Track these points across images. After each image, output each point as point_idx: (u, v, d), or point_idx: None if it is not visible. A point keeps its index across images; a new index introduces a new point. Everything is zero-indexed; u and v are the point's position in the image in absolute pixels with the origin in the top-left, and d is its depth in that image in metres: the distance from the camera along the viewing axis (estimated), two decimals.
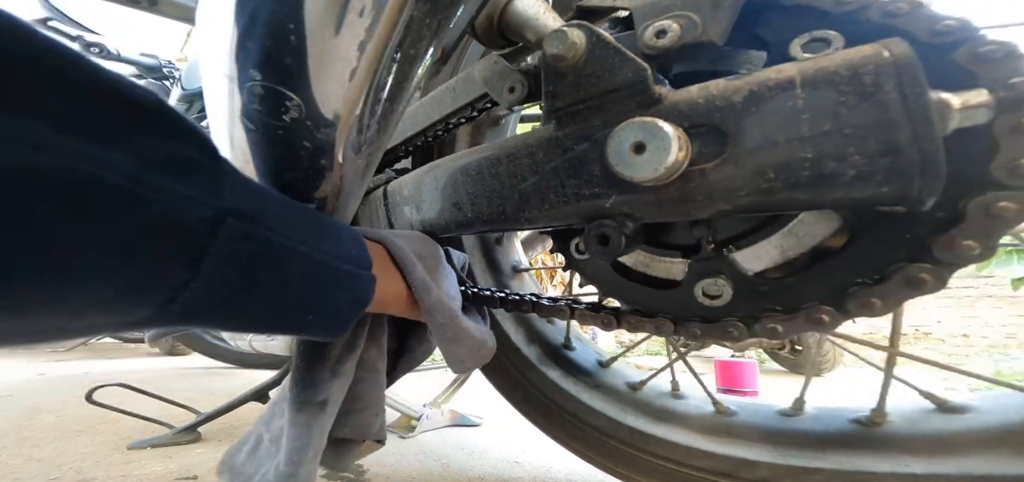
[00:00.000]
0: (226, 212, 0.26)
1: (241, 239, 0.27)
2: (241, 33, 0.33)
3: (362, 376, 0.51)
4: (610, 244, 0.34)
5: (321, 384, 0.45)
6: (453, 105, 0.51)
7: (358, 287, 0.38)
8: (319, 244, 0.33)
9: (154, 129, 0.24)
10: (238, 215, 0.27)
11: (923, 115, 0.24)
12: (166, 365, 2.31)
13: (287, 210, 0.32)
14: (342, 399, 0.47)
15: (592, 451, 0.61)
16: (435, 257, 0.49)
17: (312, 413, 0.44)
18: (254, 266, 0.29)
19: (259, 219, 0.29)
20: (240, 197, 0.28)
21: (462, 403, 1.27)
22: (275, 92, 0.34)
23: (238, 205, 0.27)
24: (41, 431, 1.05)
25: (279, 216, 0.31)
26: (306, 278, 0.33)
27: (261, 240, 0.29)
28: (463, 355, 0.47)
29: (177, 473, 0.80)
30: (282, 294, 0.31)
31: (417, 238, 0.49)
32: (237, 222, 0.27)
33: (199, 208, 0.25)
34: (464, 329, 0.47)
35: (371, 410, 0.51)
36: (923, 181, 0.24)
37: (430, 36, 0.36)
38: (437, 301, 0.45)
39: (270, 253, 0.29)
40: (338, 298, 0.36)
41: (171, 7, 0.74)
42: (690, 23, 0.32)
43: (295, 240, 0.31)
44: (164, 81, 1.96)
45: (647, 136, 0.30)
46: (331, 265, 0.34)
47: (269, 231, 0.29)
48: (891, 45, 0.25)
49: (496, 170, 0.40)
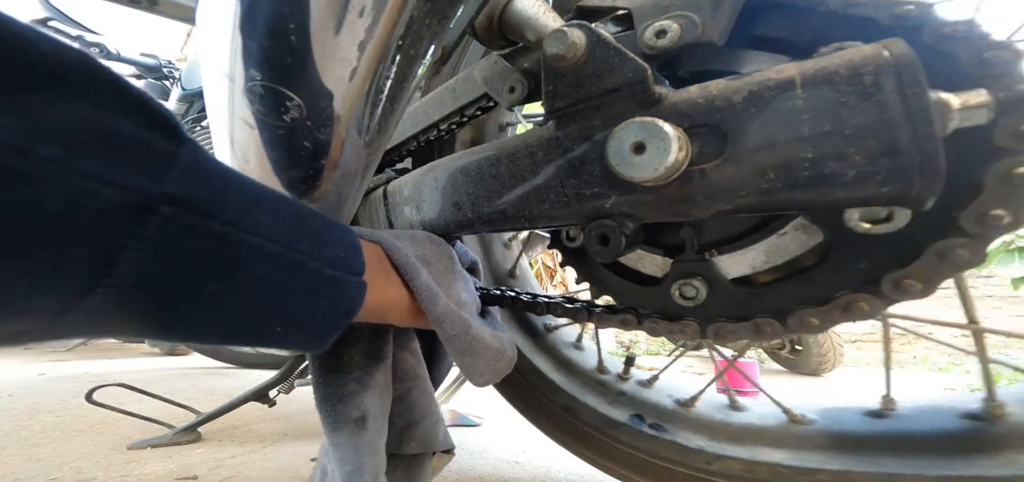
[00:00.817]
0: (161, 199, 0.22)
1: (181, 233, 0.23)
2: (241, 33, 0.33)
3: (409, 386, 0.48)
4: (610, 244, 0.34)
5: (350, 398, 0.41)
6: (453, 105, 0.51)
7: (342, 295, 0.33)
8: (295, 243, 0.29)
9: (74, 94, 0.20)
10: (181, 204, 0.23)
11: (923, 115, 0.24)
12: (166, 365, 2.31)
13: (257, 201, 0.28)
14: (387, 415, 0.44)
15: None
16: (445, 259, 0.45)
17: (352, 431, 0.40)
18: (200, 266, 0.24)
19: (213, 210, 0.24)
20: (192, 182, 0.23)
21: (462, 403, 1.27)
22: (275, 92, 0.34)
23: (185, 192, 0.23)
24: (41, 431, 1.05)
25: (245, 208, 0.26)
26: (272, 282, 0.28)
27: (212, 235, 0.24)
28: (481, 368, 0.43)
29: (177, 473, 0.80)
30: (239, 300, 0.27)
31: (424, 239, 0.45)
32: (176, 212, 0.22)
33: (117, 192, 0.20)
34: (479, 340, 0.42)
35: (430, 418, 0.48)
36: (923, 181, 0.24)
37: (430, 36, 0.36)
38: (445, 311, 0.40)
39: (225, 252, 0.25)
40: (315, 306, 0.31)
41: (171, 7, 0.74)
42: (690, 23, 0.32)
43: (263, 236, 0.27)
44: (164, 81, 1.96)
45: (647, 136, 0.30)
46: (308, 268, 0.30)
47: (227, 225, 0.25)
48: (891, 45, 0.25)
49: (496, 170, 0.40)
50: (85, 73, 0.21)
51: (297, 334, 0.31)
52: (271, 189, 0.30)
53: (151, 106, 0.23)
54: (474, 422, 1.16)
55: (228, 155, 0.43)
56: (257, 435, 1.05)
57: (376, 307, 0.38)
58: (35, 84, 0.19)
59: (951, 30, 0.27)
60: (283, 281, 0.29)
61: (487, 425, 1.15)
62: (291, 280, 0.29)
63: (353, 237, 0.35)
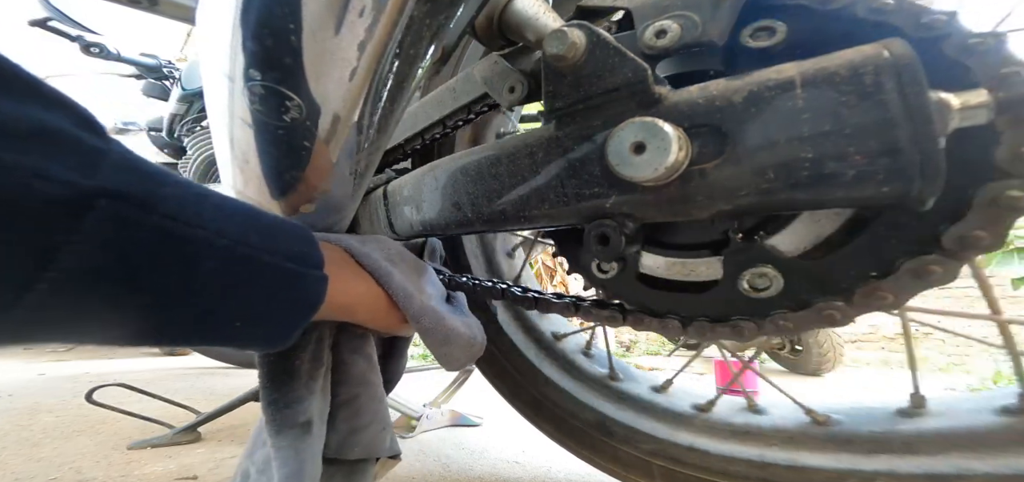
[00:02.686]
0: (98, 193, 0.21)
1: (120, 226, 0.22)
2: (241, 33, 0.33)
3: (358, 392, 0.48)
4: (610, 244, 0.34)
5: (298, 403, 0.42)
6: (453, 105, 0.51)
7: (303, 288, 0.32)
8: (245, 237, 0.28)
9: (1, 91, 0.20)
10: (120, 197, 0.22)
11: (923, 115, 0.24)
12: (166, 365, 2.31)
13: (199, 198, 0.27)
14: (326, 419, 0.44)
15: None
16: (411, 260, 0.48)
17: (296, 435, 0.41)
18: (144, 260, 0.23)
19: (151, 203, 0.23)
20: (125, 176, 0.23)
21: (462, 403, 1.27)
22: (275, 92, 0.34)
23: (120, 185, 0.22)
24: (41, 431, 1.05)
25: (185, 203, 0.26)
26: (226, 277, 0.27)
27: (156, 228, 0.24)
28: (457, 355, 0.46)
29: (177, 473, 0.80)
30: (190, 296, 0.26)
31: (386, 241, 0.47)
32: (116, 204, 0.22)
33: (54, 186, 0.20)
34: (453, 330, 0.45)
35: (376, 425, 0.48)
36: (923, 181, 0.24)
37: (430, 36, 0.36)
38: (421, 307, 0.43)
39: (168, 244, 0.24)
40: (275, 300, 0.31)
41: (171, 7, 0.74)
42: (690, 23, 0.32)
43: (209, 230, 0.26)
44: (164, 81, 1.96)
45: (647, 136, 0.30)
46: (263, 262, 0.29)
47: (168, 218, 0.24)
48: (891, 45, 0.25)
49: (496, 170, 0.40)
50: (11, 71, 0.21)
51: (258, 329, 0.31)
52: (215, 190, 0.30)
53: (77, 106, 0.23)
54: (474, 422, 1.16)
55: (228, 155, 0.43)
56: None
57: (343, 302, 0.38)
58: None
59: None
60: (238, 275, 0.28)
61: (487, 425, 1.16)
62: (246, 274, 0.29)
63: (306, 232, 0.35)
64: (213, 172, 1.68)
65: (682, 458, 0.54)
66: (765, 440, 0.50)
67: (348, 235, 0.46)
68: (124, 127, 2.21)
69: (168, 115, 1.83)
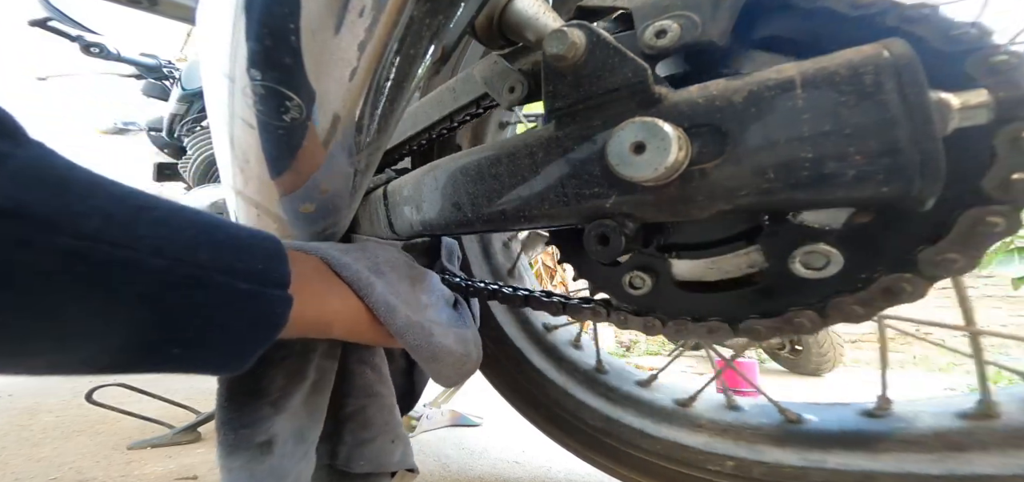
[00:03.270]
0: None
1: (19, 248, 0.20)
2: (241, 33, 0.33)
3: (364, 403, 0.46)
4: (610, 244, 0.34)
5: (257, 423, 0.39)
6: (453, 105, 0.51)
7: (260, 309, 0.30)
8: (192, 255, 0.26)
9: None
10: (16, 216, 0.20)
11: (923, 115, 0.24)
12: None
13: (135, 211, 0.25)
14: (310, 436, 0.42)
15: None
16: (401, 265, 0.44)
17: (251, 456, 0.38)
18: (47, 285, 0.21)
19: (60, 222, 0.21)
20: (31, 193, 0.20)
21: (462, 403, 1.27)
22: (275, 92, 0.34)
23: (22, 202, 0.20)
24: (41, 431, 1.05)
25: (114, 220, 0.23)
26: (160, 301, 0.25)
27: (57, 250, 0.21)
28: (446, 373, 0.43)
29: (177, 473, 0.80)
30: (118, 323, 0.24)
31: (375, 247, 0.44)
32: (11, 225, 0.20)
33: None
34: (441, 347, 0.41)
35: (384, 437, 0.46)
36: (923, 181, 0.24)
37: (430, 36, 0.36)
38: (405, 323, 0.39)
39: (83, 268, 0.22)
40: (224, 325, 0.28)
41: (171, 7, 0.74)
42: (690, 23, 0.32)
43: (144, 250, 0.24)
44: (164, 81, 1.96)
45: (647, 136, 0.30)
46: (210, 283, 0.27)
47: (81, 239, 0.22)
48: (891, 45, 0.25)
49: (496, 170, 0.40)
50: None
51: (205, 355, 0.28)
52: (168, 200, 0.28)
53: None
54: (474, 422, 1.16)
55: (228, 155, 0.43)
56: None
57: (314, 319, 0.35)
58: None
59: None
60: (176, 299, 0.25)
61: (487, 425, 1.16)
62: (187, 297, 0.26)
63: (276, 246, 0.32)
64: (213, 172, 1.68)
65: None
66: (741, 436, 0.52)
67: (329, 244, 0.42)
68: (124, 127, 2.21)
69: (168, 115, 1.83)
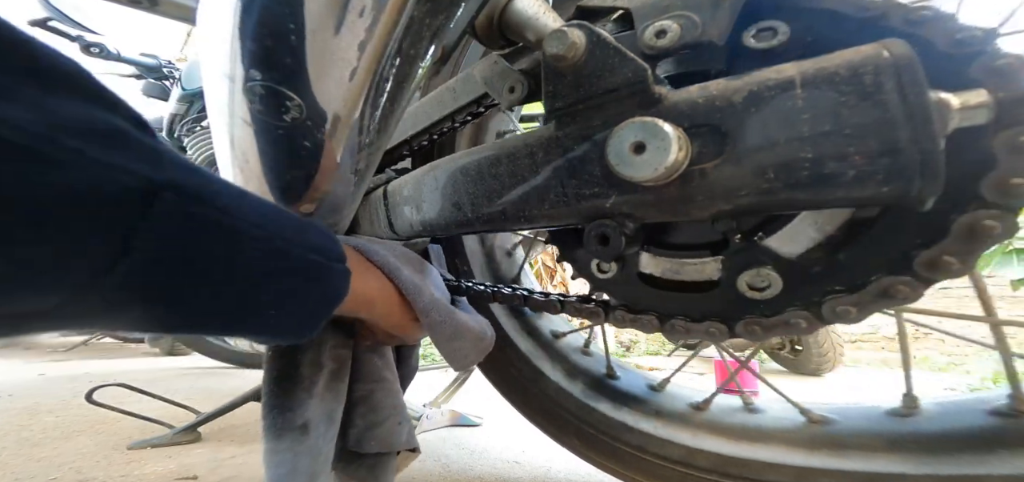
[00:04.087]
0: (164, 185, 0.23)
1: (182, 217, 0.24)
2: (241, 33, 0.33)
3: (372, 388, 0.50)
4: (610, 244, 0.34)
5: (297, 407, 0.43)
6: (453, 105, 0.51)
7: (329, 280, 0.35)
8: (280, 231, 0.30)
9: (72, 92, 0.22)
10: (178, 190, 0.24)
11: (923, 115, 0.24)
12: (166, 365, 2.31)
13: (240, 195, 0.29)
14: (334, 418, 0.45)
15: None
16: (416, 260, 0.49)
17: (294, 438, 0.42)
18: (200, 249, 0.26)
19: (205, 197, 0.26)
20: (183, 172, 0.25)
21: (462, 403, 1.27)
22: (275, 92, 0.34)
23: (179, 180, 0.24)
24: (41, 431, 1.05)
25: (231, 197, 0.28)
26: (265, 268, 0.29)
27: (209, 221, 0.26)
28: (466, 349, 0.46)
29: (177, 473, 0.80)
30: (236, 284, 0.28)
31: (393, 245, 0.48)
32: (177, 197, 0.24)
33: (131, 178, 0.22)
34: (463, 324, 0.46)
35: (392, 419, 0.50)
36: (923, 181, 0.24)
37: (430, 36, 0.36)
38: (431, 301, 0.44)
39: (220, 235, 0.26)
40: (305, 291, 0.33)
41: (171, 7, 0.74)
42: (690, 23, 0.32)
43: (251, 223, 0.28)
44: (164, 81, 1.96)
45: (647, 136, 0.30)
46: (294, 253, 0.31)
47: (218, 211, 0.26)
48: (891, 45, 0.25)
49: (496, 170, 0.40)
50: (75, 73, 0.22)
51: (289, 320, 0.33)
52: (239, 186, 0.31)
53: (129, 107, 0.25)
54: (474, 422, 1.16)
55: (228, 155, 0.43)
56: (257, 435, 1.04)
57: (363, 295, 0.40)
58: (41, 82, 0.21)
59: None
60: (274, 265, 0.30)
61: (487, 425, 1.16)
62: (281, 265, 0.30)
63: (329, 232, 0.37)
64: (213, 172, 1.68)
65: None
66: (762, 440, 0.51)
67: (355, 236, 0.47)
68: None
69: (168, 115, 1.83)
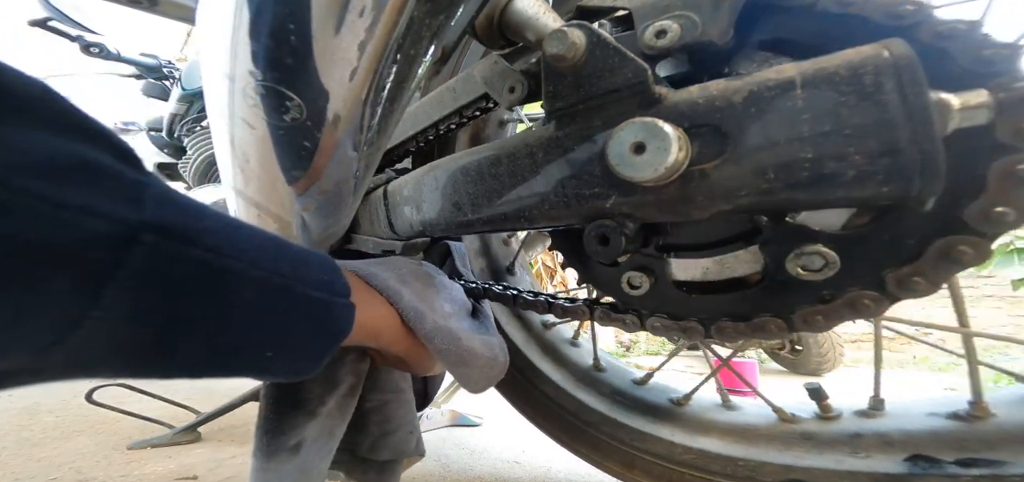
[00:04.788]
0: (143, 227, 0.21)
1: (166, 261, 0.22)
2: (241, 33, 0.33)
3: (388, 399, 0.51)
4: (610, 244, 0.34)
5: (292, 429, 0.42)
6: (453, 105, 0.51)
7: (333, 317, 0.33)
8: (277, 268, 0.29)
9: (33, 122, 0.19)
10: (163, 231, 0.22)
11: (923, 115, 0.24)
12: None
13: (234, 229, 0.27)
14: (335, 434, 0.46)
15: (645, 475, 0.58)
16: (424, 277, 0.46)
17: (284, 458, 0.41)
18: (187, 294, 0.24)
19: (194, 237, 0.24)
20: (167, 210, 0.23)
21: (462, 403, 1.27)
22: (276, 92, 0.34)
23: (164, 220, 0.22)
24: (41, 431, 1.05)
25: (223, 235, 0.26)
26: (260, 308, 0.28)
27: (195, 262, 0.24)
28: (475, 377, 0.44)
29: (177, 473, 0.80)
30: (229, 328, 0.27)
31: (397, 261, 0.46)
32: (160, 240, 0.22)
33: (100, 222, 0.20)
34: (469, 351, 0.43)
35: (404, 429, 0.52)
36: (923, 181, 0.24)
37: (430, 36, 0.36)
38: (433, 327, 0.41)
39: (209, 278, 0.25)
40: (307, 330, 0.31)
41: (171, 7, 0.74)
42: (690, 23, 0.32)
43: (245, 262, 0.26)
44: (164, 81, 1.96)
45: (647, 136, 0.30)
46: (295, 292, 0.29)
47: (209, 251, 0.24)
48: (891, 45, 0.25)
49: (496, 170, 0.40)
50: (49, 102, 0.20)
51: (288, 359, 0.31)
52: (244, 221, 0.30)
53: (114, 137, 0.23)
54: (474, 422, 1.16)
55: (228, 155, 0.43)
56: None
57: (368, 327, 0.38)
58: (4, 113, 0.18)
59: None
60: (271, 306, 0.28)
61: (487, 425, 1.16)
62: (279, 304, 0.29)
63: (330, 261, 0.35)
64: (213, 172, 1.68)
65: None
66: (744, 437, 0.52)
67: (354, 261, 0.45)
68: (124, 127, 2.21)
69: (168, 115, 1.83)
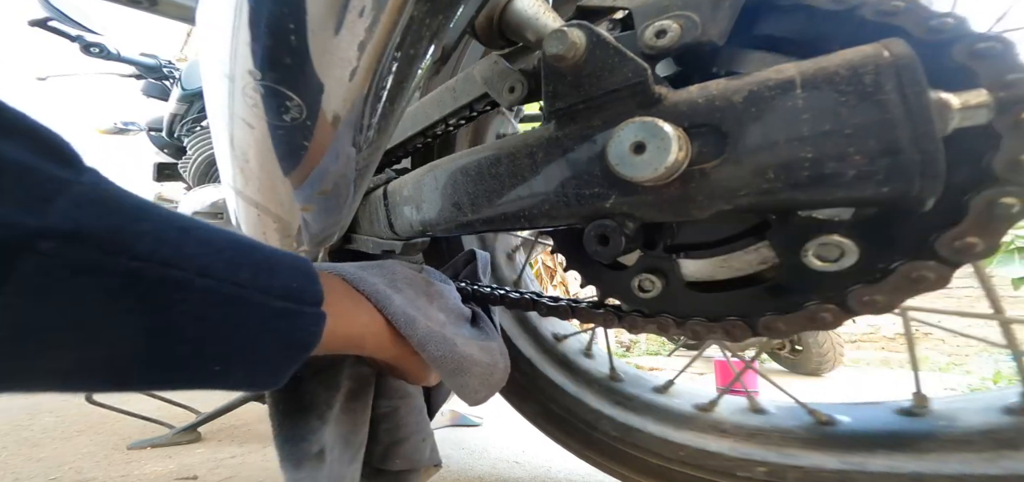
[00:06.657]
0: (41, 234, 0.19)
1: (71, 271, 0.20)
2: (241, 33, 0.33)
3: (397, 404, 0.49)
4: (610, 244, 0.34)
5: (312, 434, 0.41)
6: (453, 105, 0.51)
7: (295, 327, 0.30)
8: (234, 274, 0.27)
9: None
10: (72, 238, 0.20)
11: (923, 115, 0.24)
12: None
13: (181, 232, 0.25)
14: (351, 439, 0.44)
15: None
16: (418, 282, 0.45)
17: (313, 466, 0.40)
18: (105, 307, 0.22)
19: (121, 243, 0.22)
20: (89, 214, 0.21)
21: (462, 403, 1.27)
22: (275, 92, 0.34)
23: (77, 224, 0.20)
24: (41, 431, 1.05)
25: (165, 241, 0.24)
26: (205, 320, 0.26)
27: (117, 272, 0.22)
28: (474, 385, 0.42)
29: (177, 473, 0.80)
30: (165, 342, 0.25)
31: (391, 265, 0.44)
32: (62, 247, 0.20)
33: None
34: (466, 356, 0.41)
35: (417, 436, 0.49)
36: (923, 181, 0.24)
37: (430, 36, 0.36)
38: (426, 334, 0.39)
39: (138, 289, 0.23)
40: (266, 342, 0.29)
41: (171, 7, 0.74)
42: (690, 23, 0.32)
43: (190, 270, 0.25)
44: (164, 81, 1.96)
45: (647, 136, 0.30)
46: (251, 302, 0.27)
47: (137, 259, 0.22)
48: (891, 45, 0.25)
49: (496, 170, 0.40)
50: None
51: (243, 372, 0.29)
52: (204, 222, 0.28)
53: (42, 132, 0.21)
54: (474, 422, 1.16)
55: (228, 155, 0.43)
56: (257, 435, 1.05)
57: (346, 336, 0.36)
58: None
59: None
60: (221, 316, 0.26)
61: (487, 425, 1.16)
62: (231, 315, 0.27)
63: (307, 266, 0.33)
64: (213, 172, 1.68)
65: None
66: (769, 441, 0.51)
67: (346, 264, 0.43)
68: (124, 127, 2.21)
69: (168, 115, 1.83)
